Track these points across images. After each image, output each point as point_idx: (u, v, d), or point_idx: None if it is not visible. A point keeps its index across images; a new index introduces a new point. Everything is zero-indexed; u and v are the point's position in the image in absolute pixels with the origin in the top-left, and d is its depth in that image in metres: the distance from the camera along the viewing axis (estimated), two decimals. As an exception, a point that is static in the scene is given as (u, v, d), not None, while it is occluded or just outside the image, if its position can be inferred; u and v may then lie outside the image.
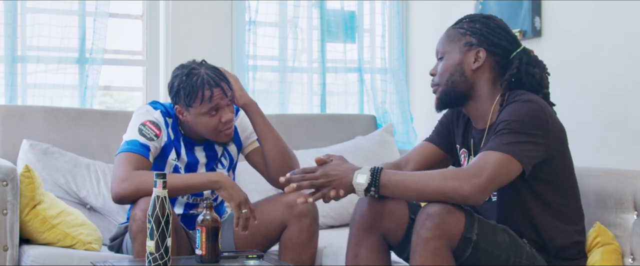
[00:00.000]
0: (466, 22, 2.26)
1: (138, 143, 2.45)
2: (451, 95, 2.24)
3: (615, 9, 2.81)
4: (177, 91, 2.47)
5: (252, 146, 2.69)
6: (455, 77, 2.22)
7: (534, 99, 2.12)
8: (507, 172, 2.03)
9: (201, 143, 2.60)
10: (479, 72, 2.22)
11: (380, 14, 3.97)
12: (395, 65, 3.95)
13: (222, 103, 2.48)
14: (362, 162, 3.46)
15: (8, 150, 2.99)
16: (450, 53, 2.24)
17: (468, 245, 1.99)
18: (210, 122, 2.48)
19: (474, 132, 2.29)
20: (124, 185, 2.34)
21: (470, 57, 2.21)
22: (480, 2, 3.46)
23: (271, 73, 3.81)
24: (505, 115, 2.10)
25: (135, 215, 2.31)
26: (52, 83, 3.33)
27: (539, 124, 2.07)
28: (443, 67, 2.24)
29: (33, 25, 3.28)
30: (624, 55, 2.80)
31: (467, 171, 2.01)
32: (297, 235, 2.50)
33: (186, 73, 2.46)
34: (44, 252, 2.53)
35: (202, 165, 2.60)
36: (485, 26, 2.23)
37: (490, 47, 2.21)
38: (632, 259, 2.26)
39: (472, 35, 2.22)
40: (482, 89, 2.22)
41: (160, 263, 2.04)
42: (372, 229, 2.18)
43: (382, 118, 3.90)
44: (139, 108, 2.57)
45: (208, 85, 2.44)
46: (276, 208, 2.52)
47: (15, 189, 2.53)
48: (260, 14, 3.66)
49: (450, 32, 2.27)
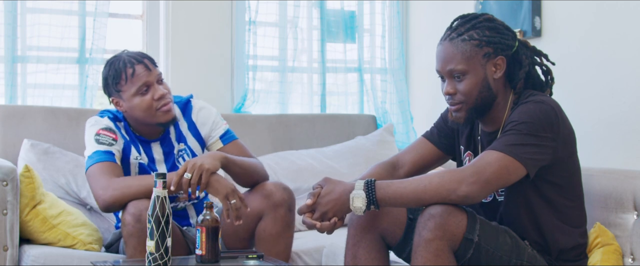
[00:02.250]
0: (473, 31, 2.14)
1: (101, 152, 2.44)
2: (479, 109, 2.16)
3: (616, 9, 2.81)
4: (105, 82, 2.52)
5: (216, 145, 2.65)
6: (484, 93, 2.14)
7: (546, 100, 2.09)
8: (507, 174, 2.01)
9: (156, 139, 2.60)
10: (498, 79, 2.16)
11: (380, 14, 3.97)
12: (395, 65, 3.95)
13: (149, 80, 2.48)
14: (362, 162, 3.49)
15: (8, 150, 2.99)
16: (472, 70, 2.13)
17: (470, 246, 1.99)
18: (143, 101, 2.48)
19: (483, 135, 2.26)
20: (108, 193, 2.34)
21: (491, 68, 2.14)
22: (480, 2, 3.46)
23: (271, 73, 3.81)
24: (515, 115, 2.07)
25: (125, 220, 2.31)
26: (52, 83, 3.33)
27: (549, 127, 2.04)
28: (468, 87, 2.13)
29: (33, 25, 3.28)
30: (624, 55, 2.80)
31: (464, 171, 2.00)
32: (271, 225, 2.46)
33: (109, 63, 2.52)
34: (44, 252, 2.53)
35: (160, 161, 2.59)
36: (494, 30, 2.15)
37: (505, 51, 2.15)
38: (632, 259, 2.26)
39: (487, 45, 2.13)
40: (501, 95, 2.18)
41: (160, 263, 2.04)
42: (370, 229, 2.18)
43: (382, 118, 3.90)
44: (88, 121, 2.56)
45: (129, 64, 2.47)
46: (254, 199, 2.48)
47: (15, 189, 2.53)
48: (260, 14, 3.66)
49: (461, 46, 2.13)
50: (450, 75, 2.16)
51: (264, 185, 2.50)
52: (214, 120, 2.65)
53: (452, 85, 2.16)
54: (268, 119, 3.55)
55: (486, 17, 2.19)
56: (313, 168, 3.39)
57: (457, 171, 2.01)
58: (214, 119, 2.65)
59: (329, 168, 3.41)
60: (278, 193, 2.47)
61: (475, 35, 2.13)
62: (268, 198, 2.46)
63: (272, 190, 2.47)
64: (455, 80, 2.15)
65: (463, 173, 1.99)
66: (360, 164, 3.46)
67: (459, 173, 2.00)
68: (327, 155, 3.50)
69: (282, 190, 2.48)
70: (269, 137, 3.52)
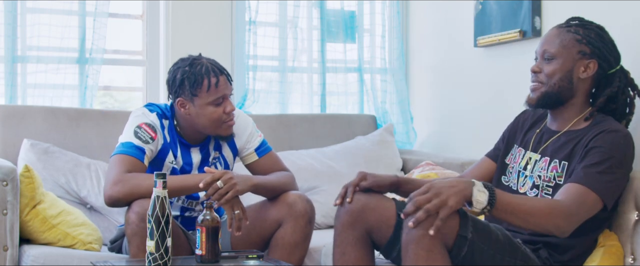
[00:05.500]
0: (581, 28, 2.27)
1: (133, 145, 2.43)
2: (552, 97, 2.27)
3: (616, 9, 2.81)
4: (181, 82, 2.46)
5: (251, 158, 2.66)
6: (564, 82, 2.24)
7: (624, 130, 2.19)
8: (593, 212, 2.11)
9: (197, 145, 2.60)
10: (583, 81, 2.26)
11: (380, 14, 3.97)
12: (395, 65, 3.95)
13: (227, 93, 2.49)
14: (362, 162, 3.49)
15: (8, 150, 2.99)
16: (563, 58, 2.24)
17: (464, 243, 1.97)
18: (215, 112, 2.47)
19: (544, 129, 2.34)
20: (116, 188, 2.33)
21: (581, 66, 2.24)
22: (480, 2, 3.46)
23: (271, 73, 3.81)
24: (603, 142, 2.14)
25: (129, 219, 2.30)
26: (52, 83, 3.33)
27: (630, 160, 2.17)
28: (553, 70, 2.25)
29: (33, 25, 3.28)
30: (624, 55, 2.80)
31: (566, 209, 2.05)
32: (291, 234, 2.47)
33: (189, 63, 2.47)
34: (44, 252, 2.53)
35: (196, 166, 2.59)
36: (600, 38, 2.26)
37: (601, 60, 2.25)
38: (633, 259, 2.26)
39: (587, 45, 2.24)
40: (580, 98, 2.27)
41: (160, 263, 2.04)
42: (356, 224, 2.16)
43: (382, 118, 3.90)
44: (135, 110, 2.55)
45: (213, 73, 2.45)
46: (275, 207, 2.51)
47: (15, 189, 2.53)
48: (260, 14, 3.66)
49: (564, 35, 2.27)
50: (542, 55, 2.29)
51: (287, 194, 2.51)
52: (250, 132, 2.65)
53: (540, 64, 2.29)
54: (268, 119, 3.55)
55: (600, 25, 2.32)
56: (313, 168, 3.39)
57: (560, 208, 2.05)
58: (250, 131, 2.65)
59: (329, 168, 3.41)
60: (301, 203, 2.48)
61: (581, 32, 2.26)
62: (290, 207, 2.48)
63: (296, 200, 2.48)
64: (545, 62, 2.27)
65: (567, 212, 2.04)
66: (360, 164, 3.46)
67: (562, 210, 2.04)
68: (327, 155, 3.50)
69: (305, 201, 2.50)
70: (269, 137, 3.50)
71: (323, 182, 3.37)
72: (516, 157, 2.37)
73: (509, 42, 3.30)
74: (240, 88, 3.67)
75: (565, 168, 2.20)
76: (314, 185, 3.35)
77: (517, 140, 2.42)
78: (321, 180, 3.37)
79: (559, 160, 2.22)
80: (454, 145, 3.72)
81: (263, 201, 2.57)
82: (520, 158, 2.35)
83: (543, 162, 2.27)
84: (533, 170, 2.29)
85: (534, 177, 2.28)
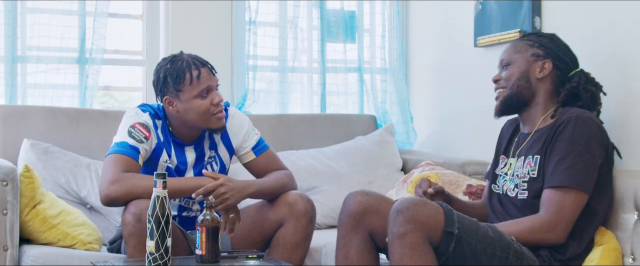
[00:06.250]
0: (533, 36, 2.45)
1: (127, 145, 2.43)
2: (514, 100, 2.39)
3: (616, 9, 2.81)
4: (164, 79, 2.48)
5: (249, 157, 2.66)
6: (521, 82, 2.37)
7: (590, 117, 2.24)
8: (579, 207, 2.18)
9: (191, 144, 2.60)
10: (542, 81, 2.37)
11: (380, 14, 3.97)
12: (395, 65, 3.95)
13: (211, 85, 2.49)
14: (362, 162, 3.49)
15: (8, 150, 2.99)
16: (517, 61, 2.40)
17: (451, 239, 1.99)
18: (202, 105, 2.47)
19: (520, 135, 2.43)
20: (114, 188, 2.33)
21: (536, 67, 2.38)
22: (480, 2, 3.46)
23: (271, 73, 3.81)
24: (563, 135, 2.21)
25: (126, 219, 2.30)
26: (52, 83, 3.33)
27: (595, 139, 2.21)
28: (510, 73, 2.40)
29: (33, 25, 3.28)
30: (624, 55, 2.80)
31: (547, 222, 2.14)
32: (292, 233, 2.48)
33: (170, 61, 2.50)
34: (44, 252, 2.53)
35: (190, 165, 2.59)
36: (553, 42, 2.41)
37: (556, 60, 2.38)
38: (633, 259, 2.26)
39: (539, 47, 2.39)
40: (541, 97, 2.38)
41: (160, 263, 2.04)
42: (359, 227, 2.19)
43: (382, 118, 3.90)
44: (128, 110, 2.56)
45: (194, 66, 2.47)
46: (275, 206, 2.51)
47: (15, 189, 2.53)
48: (260, 14, 3.66)
49: (517, 43, 2.44)
50: (501, 64, 2.45)
51: (288, 194, 2.51)
52: (246, 131, 2.65)
53: (500, 73, 2.45)
54: (268, 119, 3.55)
55: (553, 34, 2.47)
56: (313, 168, 3.39)
57: (541, 222, 2.16)
58: (246, 129, 2.65)
59: (329, 168, 3.41)
60: (302, 203, 2.49)
61: (534, 38, 2.44)
62: (291, 207, 2.49)
63: (297, 199, 2.49)
64: (503, 70, 2.43)
65: (547, 225, 2.14)
66: (360, 164, 3.46)
67: (542, 225, 2.15)
68: (327, 155, 3.50)
69: (306, 201, 2.51)
70: (269, 137, 3.50)
71: (323, 182, 3.37)
72: (501, 165, 2.46)
73: (509, 42, 3.30)
74: (240, 88, 3.67)
75: (537, 161, 2.27)
76: (314, 185, 3.35)
77: (501, 151, 2.52)
78: (321, 180, 3.37)
79: (531, 155, 2.30)
80: (454, 145, 3.72)
81: (264, 201, 2.57)
82: (503, 165, 2.44)
83: (519, 162, 2.35)
84: (513, 173, 2.36)
85: (513, 178, 2.35)
